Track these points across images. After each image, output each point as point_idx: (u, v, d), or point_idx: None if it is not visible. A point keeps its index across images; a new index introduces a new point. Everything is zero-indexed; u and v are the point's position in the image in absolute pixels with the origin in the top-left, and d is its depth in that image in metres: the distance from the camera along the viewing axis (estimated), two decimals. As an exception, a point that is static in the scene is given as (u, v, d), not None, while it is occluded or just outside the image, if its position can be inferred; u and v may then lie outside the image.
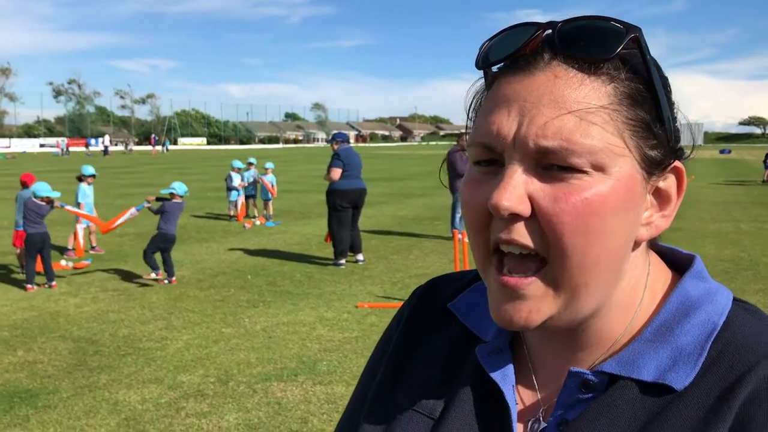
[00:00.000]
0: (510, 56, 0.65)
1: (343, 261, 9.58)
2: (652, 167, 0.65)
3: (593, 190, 0.60)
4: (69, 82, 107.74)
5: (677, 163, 0.67)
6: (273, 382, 5.13)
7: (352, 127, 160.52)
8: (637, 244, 0.67)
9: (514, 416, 0.70)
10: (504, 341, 0.75)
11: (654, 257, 0.73)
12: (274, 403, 4.74)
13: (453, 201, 11.63)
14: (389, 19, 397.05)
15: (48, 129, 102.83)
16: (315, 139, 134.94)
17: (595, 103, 0.61)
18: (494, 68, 0.68)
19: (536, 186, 0.61)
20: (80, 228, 10.19)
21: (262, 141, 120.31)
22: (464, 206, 0.67)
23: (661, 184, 0.67)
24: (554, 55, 0.63)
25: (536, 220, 0.62)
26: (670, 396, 0.63)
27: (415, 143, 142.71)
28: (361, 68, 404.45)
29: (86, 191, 10.54)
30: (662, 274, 0.73)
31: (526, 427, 0.71)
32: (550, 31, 0.64)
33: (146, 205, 8.73)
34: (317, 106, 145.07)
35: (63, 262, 9.40)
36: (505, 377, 0.72)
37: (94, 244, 10.74)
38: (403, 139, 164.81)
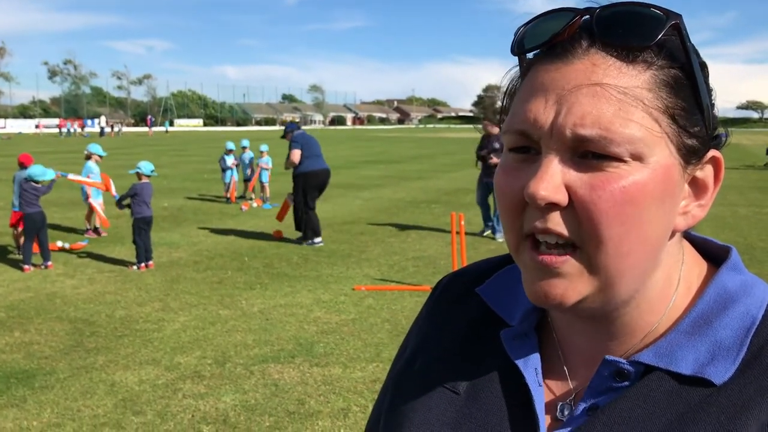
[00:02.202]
0: (546, 43, 0.64)
1: (320, 239, 9.81)
2: (690, 156, 0.64)
3: (631, 179, 0.60)
4: (65, 63, 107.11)
5: (715, 153, 0.66)
6: (270, 363, 5.14)
7: (350, 110, 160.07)
8: (673, 234, 0.66)
9: (537, 401, 0.70)
10: (530, 326, 0.75)
11: (688, 247, 0.72)
12: (271, 384, 4.75)
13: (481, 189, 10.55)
14: (387, 1, 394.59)
15: (44, 109, 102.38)
16: (312, 121, 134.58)
17: (633, 92, 0.60)
18: (529, 55, 0.67)
19: (573, 175, 0.61)
20: (95, 203, 10.26)
21: (258, 123, 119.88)
22: (498, 192, 0.66)
23: (699, 174, 0.66)
24: (592, 42, 0.62)
25: (572, 209, 0.61)
26: (708, 390, 0.63)
27: (413, 126, 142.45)
28: (358, 50, 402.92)
29: (92, 168, 10.62)
30: (697, 264, 0.72)
31: (555, 412, 0.70)
32: (587, 16, 0.63)
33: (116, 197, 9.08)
34: (314, 88, 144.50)
35: (59, 243, 9.39)
36: (527, 362, 0.72)
37: (97, 225, 10.67)
38: (400, 121, 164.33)
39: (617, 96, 0.59)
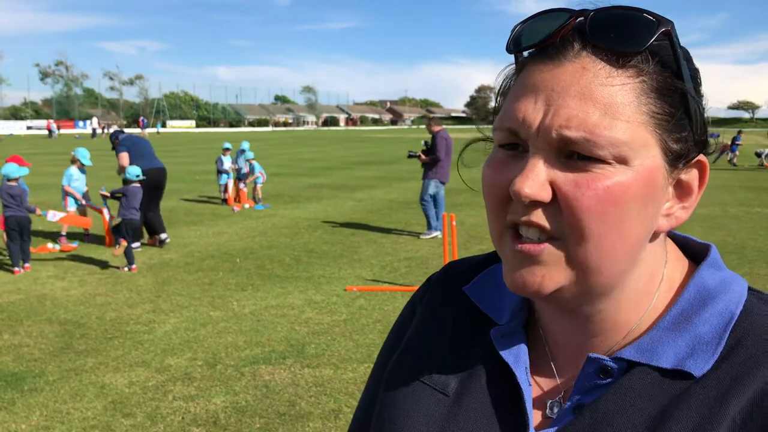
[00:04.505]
0: (540, 43, 0.65)
1: (165, 235, 9.75)
2: (676, 160, 0.65)
3: (615, 179, 0.61)
4: (56, 64, 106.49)
5: (701, 156, 0.67)
6: (261, 365, 5.13)
7: (342, 110, 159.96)
8: (656, 235, 0.68)
9: (528, 398, 0.71)
10: (518, 325, 0.76)
11: (671, 246, 0.74)
12: (262, 386, 4.74)
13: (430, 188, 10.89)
14: (379, 2, 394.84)
15: (35, 111, 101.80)
16: (305, 122, 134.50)
17: (621, 98, 0.61)
18: (524, 53, 0.68)
19: (558, 173, 0.62)
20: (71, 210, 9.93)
21: (251, 124, 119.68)
22: (486, 186, 0.68)
23: (683, 176, 0.67)
24: (584, 45, 0.63)
25: (556, 205, 0.63)
26: (688, 381, 0.64)
27: (406, 126, 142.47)
28: (351, 51, 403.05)
29: (73, 175, 10.03)
30: (679, 263, 0.74)
31: (544, 409, 0.72)
32: (582, 18, 0.64)
33: (102, 192, 8.96)
34: (307, 89, 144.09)
35: (50, 245, 9.34)
36: (517, 360, 0.74)
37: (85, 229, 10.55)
38: (393, 122, 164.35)
39: (604, 100, 0.60)
